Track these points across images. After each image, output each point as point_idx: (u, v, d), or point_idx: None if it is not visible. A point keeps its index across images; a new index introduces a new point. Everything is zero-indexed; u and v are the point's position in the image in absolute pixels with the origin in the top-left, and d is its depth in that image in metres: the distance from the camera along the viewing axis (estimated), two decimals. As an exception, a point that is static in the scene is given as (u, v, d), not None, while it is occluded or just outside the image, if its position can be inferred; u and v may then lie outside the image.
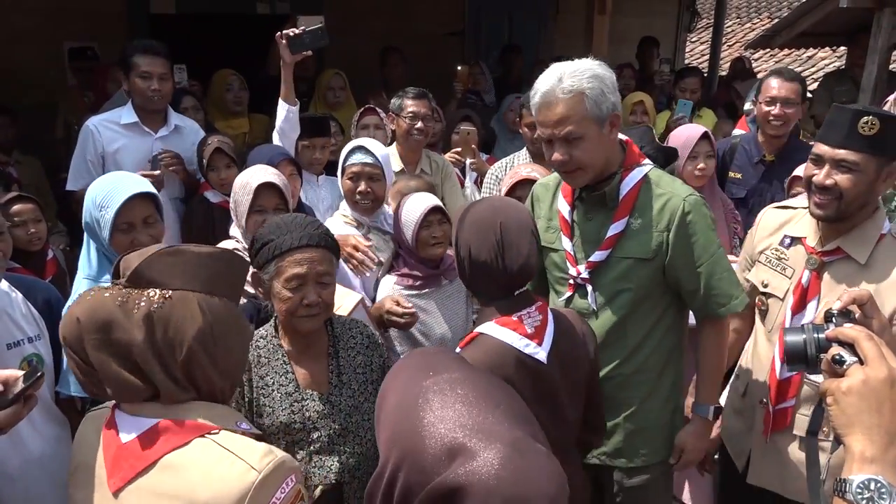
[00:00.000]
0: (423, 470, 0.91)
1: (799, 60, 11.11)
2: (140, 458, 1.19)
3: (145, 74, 3.29)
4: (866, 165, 1.93)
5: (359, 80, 5.09)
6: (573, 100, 1.97)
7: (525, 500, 0.87)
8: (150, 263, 1.24)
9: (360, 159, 2.69)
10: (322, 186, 3.53)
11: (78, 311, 1.21)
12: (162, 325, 1.21)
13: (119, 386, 1.22)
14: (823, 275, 2.07)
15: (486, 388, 1.03)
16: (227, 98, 4.39)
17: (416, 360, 1.15)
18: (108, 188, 2.10)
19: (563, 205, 2.19)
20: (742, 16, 13.99)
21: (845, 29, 5.79)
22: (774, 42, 6.89)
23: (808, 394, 2.11)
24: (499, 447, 0.90)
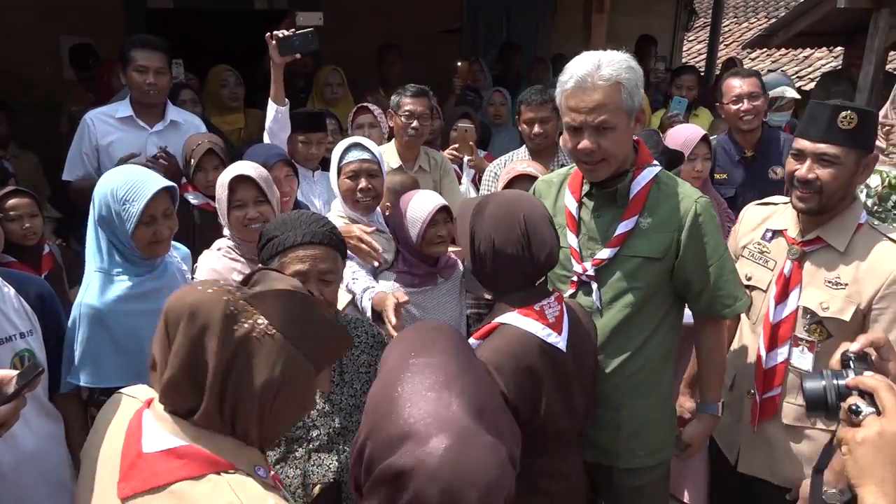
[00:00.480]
0: (381, 447, 0.99)
1: (796, 60, 11.13)
2: (155, 475, 1.16)
3: (142, 68, 3.28)
4: (846, 158, 2.01)
5: (356, 78, 5.09)
6: (611, 88, 1.93)
7: (461, 487, 0.94)
8: (279, 296, 1.21)
9: (357, 156, 2.67)
10: (318, 182, 3.52)
11: (192, 298, 1.19)
12: (248, 355, 1.18)
13: (174, 381, 1.19)
14: (805, 264, 2.14)
15: (456, 374, 1.09)
16: (222, 94, 4.38)
17: (410, 336, 1.21)
18: (132, 182, 2.13)
19: (570, 200, 2.16)
20: (739, 15, 14.01)
21: (843, 29, 5.81)
22: (771, 42, 6.91)
23: (793, 382, 2.16)
24: (445, 436, 0.97)
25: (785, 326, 2.16)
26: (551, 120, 3.42)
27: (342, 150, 2.71)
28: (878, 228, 2.11)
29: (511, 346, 1.76)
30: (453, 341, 1.21)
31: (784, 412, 2.19)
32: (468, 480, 0.95)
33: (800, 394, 2.14)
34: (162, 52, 3.32)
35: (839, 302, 2.05)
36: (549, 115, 3.41)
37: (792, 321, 2.14)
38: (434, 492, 0.94)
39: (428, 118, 3.54)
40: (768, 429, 2.22)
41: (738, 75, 3.66)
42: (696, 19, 9.15)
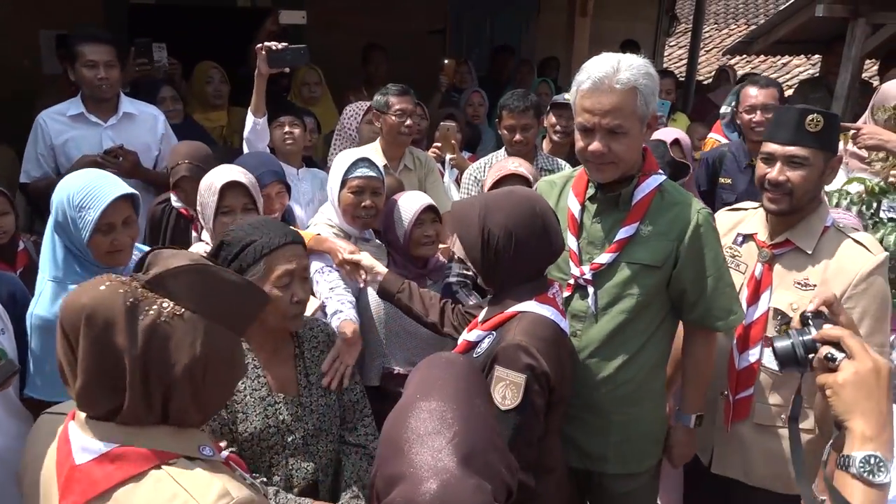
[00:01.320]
0: (384, 481, 1.16)
1: (774, 67, 11.29)
2: (92, 484, 1.13)
3: (91, 63, 3.20)
4: (815, 159, 2.07)
5: (339, 77, 5.07)
6: (627, 93, 1.92)
7: None
8: (177, 275, 1.18)
9: (365, 173, 2.58)
10: (303, 180, 3.47)
11: (86, 298, 1.14)
12: (163, 342, 1.15)
13: (88, 388, 1.15)
14: (775, 266, 2.19)
15: (454, 418, 1.23)
16: (207, 90, 4.34)
17: (424, 372, 1.34)
18: (89, 188, 2.03)
19: (573, 203, 2.14)
20: (720, 21, 14.18)
21: (821, 37, 5.90)
22: (751, 49, 7.00)
23: (765, 382, 2.20)
24: (433, 482, 1.13)
25: (756, 328, 2.19)
26: (532, 127, 3.43)
27: (349, 164, 2.60)
28: (844, 230, 2.16)
29: (543, 330, 1.79)
30: (461, 381, 1.33)
31: (756, 413, 2.22)
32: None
33: (770, 394, 2.19)
34: (110, 45, 3.25)
35: (808, 303, 2.09)
36: (530, 121, 3.41)
37: (763, 322, 2.18)
38: None
39: (418, 116, 3.54)
40: (741, 429, 2.25)
41: (756, 84, 3.62)
42: (677, 25, 9.27)
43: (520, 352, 1.72)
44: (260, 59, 3.14)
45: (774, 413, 2.20)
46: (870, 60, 7.91)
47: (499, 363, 1.74)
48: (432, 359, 1.41)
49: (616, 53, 2.00)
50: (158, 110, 3.57)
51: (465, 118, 4.79)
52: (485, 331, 1.87)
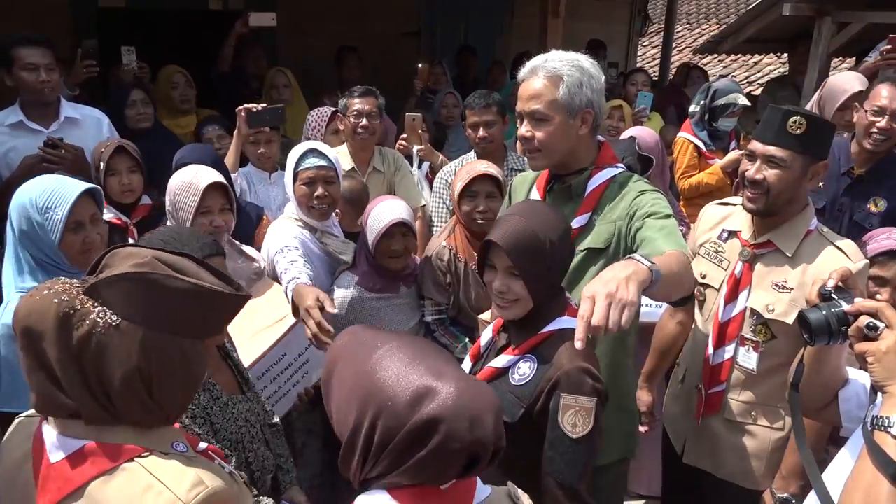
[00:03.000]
0: (398, 416, 1.13)
1: (745, 66, 11.43)
2: (67, 480, 1.13)
3: (31, 66, 3.09)
4: (793, 162, 2.07)
5: (312, 80, 5.05)
6: (549, 80, 2.00)
7: (481, 413, 1.15)
8: (112, 284, 1.15)
9: (314, 163, 2.62)
10: (275, 184, 3.45)
11: (23, 309, 1.14)
12: (96, 353, 1.13)
13: (42, 396, 1.16)
14: (755, 266, 2.19)
15: (422, 347, 1.25)
16: (173, 96, 4.28)
17: (355, 339, 1.28)
18: (51, 188, 2.01)
19: (535, 194, 2.21)
20: (692, 21, 14.33)
21: (788, 36, 5.99)
22: (721, 48, 7.10)
23: (737, 379, 2.22)
24: (450, 382, 1.16)
25: (732, 325, 2.21)
26: (496, 123, 3.43)
27: (298, 156, 2.65)
28: (826, 235, 2.15)
29: (588, 349, 1.72)
30: (389, 331, 1.32)
31: (728, 408, 2.25)
32: (483, 406, 1.16)
33: (742, 391, 2.22)
34: (48, 48, 3.16)
35: (784, 305, 2.10)
36: (493, 118, 3.42)
37: (739, 321, 2.19)
38: (464, 424, 1.12)
39: (377, 116, 3.50)
40: (713, 423, 2.28)
41: (893, 83, 3.07)
42: (649, 25, 9.35)
43: (584, 375, 1.66)
44: (240, 120, 3.24)
45: (745, 410, 2.22)
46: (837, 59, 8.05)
47: (562, 390, 1.66)
48: (355, 327, 1.34)
49: (562, 51, 2.05)
50: (102, 113, 3.46)
51: (438, 118, 4.80)
52: (517, 355, 1.78)
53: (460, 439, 1.12)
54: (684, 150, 4.43)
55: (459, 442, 1.12)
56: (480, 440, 1.14)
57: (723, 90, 4.34)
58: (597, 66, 2.07)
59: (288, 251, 2.47)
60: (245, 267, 2.54)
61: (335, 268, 2.73)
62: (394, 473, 1.15)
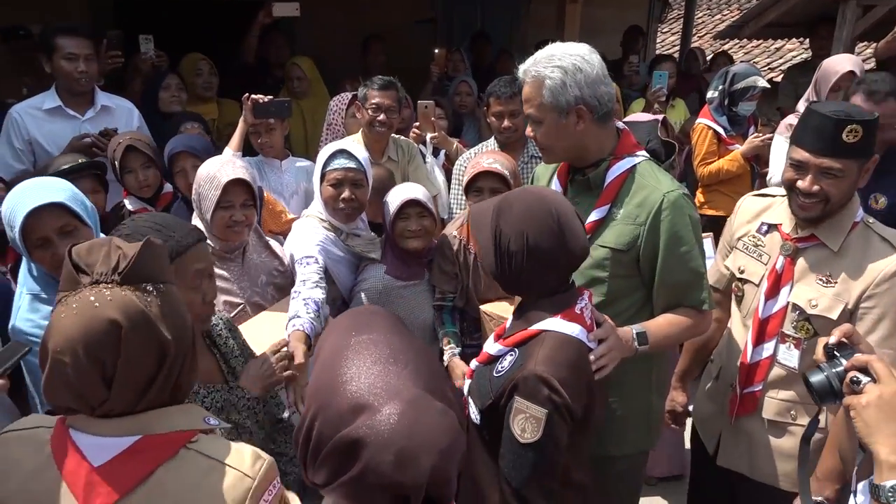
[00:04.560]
0: (332, 423, 1.00)
1: (767, 52, 11.27)
2: (125, 478, 1.15)
3: (71, 56, 3.20)
4: (850, 170, 1.97)
5: (330, 68, 5.05)
6: (534, 85, 2.04)
7: (416, 452, 0.96)
8: (142, 257, 1.19)
9: (343, 164, 2.58)
10: (286, 171, 3.46)
11: (111, 313, 1.14)
12: (171, 320, 1.19)
13: (125, 391, 1.18)
14: (797, 261, 2.11)
15: (400, 349, 1.10)
16: (196, 83, 4.30)
17: (347, 319, 1.19)
18: (11, 204, 1.94)
19: (556, 186, 2.20)
20: (712, 7, 14.13)
21: (811, 20, 5.88)
22: (742, 33, 6.98)
23: (776, 377, 2.14)
24: (397, 404, 0.99)
25: (773, 322, 2.13)
26: (521, 113, 3.39)
27: (327, 156, 2.61)
28: (873, 227, 2.07)
29: (567, 355, 1.68)
30: (391, 319, 1.20)
31: (766, 407, 2.17)
32: (422, 445, 0.97)
33: (781, 389, 2.14)
34: (88, 38, 3.25)
35: (827, 300, 2.03)
36: (518, 108, 3.37)
37: (781, 317, 2.12)
38: (388, 458, 0.95)
39: (395, 111, 3.50)
40: (749, 423, 2.20)
41: (866, 93, 2.91)
42: (669, 11, 9.25)
43: (540, 384, 1.62)
44: (246, 109, 3.27)
45: (784, 408, 2.15)
46: (862, 43, 7.91)
47: (518, 394, 1.64)
48: (351, 310, 1.26)
49: (556, 45, 2.07)
50: (132, 104, 3.57)
51: (452, 107, 4.79)
52: (507, 346, 1.77)
53: (382, 474, 0.95)
54: (703, 137, 4.39)
55: (381, 477, 0.96)
56: (403, 483, 0.96)
57: (741, 74, 4.29)
58: (588, 56, 2.02)
59: (307, 264, 2.44)
60: (268, 262, 2.54)
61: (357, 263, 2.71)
62: (332, 486, 1.02)
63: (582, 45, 2.07)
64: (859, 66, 3.76)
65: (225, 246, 2.40)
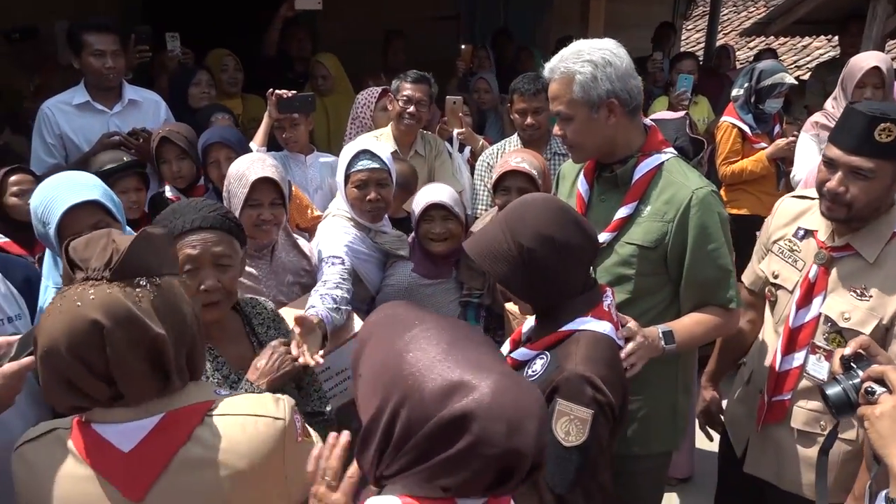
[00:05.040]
0: (425, 407, 1.02)
1: (794, 49, 11.12)
2: (159, 455, 1.19)
3: (98, 52, 3.26)
4: (881, 171, 1.87)
5: (351, 63, 5.06)
6: (563, 81, 2.03)
7: (522, 419, 1.02)
8: (134, 252, 1.19)
9: (366, 165, 2.56)
10: (311, 166, 3.48)
11: (92, 313, 1.14)
12: (167, 314, 1.20)
13: (137, 382, 1.20)
14: (832, 270, 2.03)
15: (462, 332, 1.14)
16: (221, 79, 4.33)
17: (391, 315, 1.20)
18: (46, 200, 1.96)
19: (582, 183, 2.20)
20: (738, 4, 13.96)
21: (841, 17, 5.79)
22: (769, 29, 6.89)
23: (805, 386, 2.09)
24: (494, 377, 1.03)
25: (804, 332, 2.07)
26: (544, 110, 3.38)
27: (350, 157, 2.60)
28: None
29: (603, 355, 1.65)
30: (423, 309, 1.22)
31: (794, 416, 2.12)
32: (526, 413, 1.03)
33: (810, 399, 2.08)
34: (115, 34, 3.31)
35: (861, 314, 1.96)
36: (542, 104, 3.38)
37: (812, 328, 2.05)
38: (500, 427, 0.99)
39: (426, 105, 3.52)
40: (777, 432, 2.15)
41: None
42: (694, 7, 9.15)
43: (585, 384, 1.58)
44: (270, 104, 3.32)
45: (813, 419, 2.09)
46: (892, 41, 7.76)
47: (560, 396, 1.58)
48: (386, 306, 1.26)
49: (581, 41, 2.06)
50: (159, 97, 3.63)
51: (476, 104, 4.78)
52: (535, 350, 1.73)
53: (495, 444, 0.99)
54: (728, 135, 4.34)
55: (494, 447, 0.99)
56: (518, 449, 1.00)
57: (768, 70, 4.23)
58: (616, 50, 2.03)
59: (332, 264, 2.45)
60: (296, 261, 2.56)
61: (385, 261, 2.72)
62: (412, 471, 1.03)
63: (608, 40, 2.07)
64: (885, 63, 3.69)
65: (253, 244, 2.41)
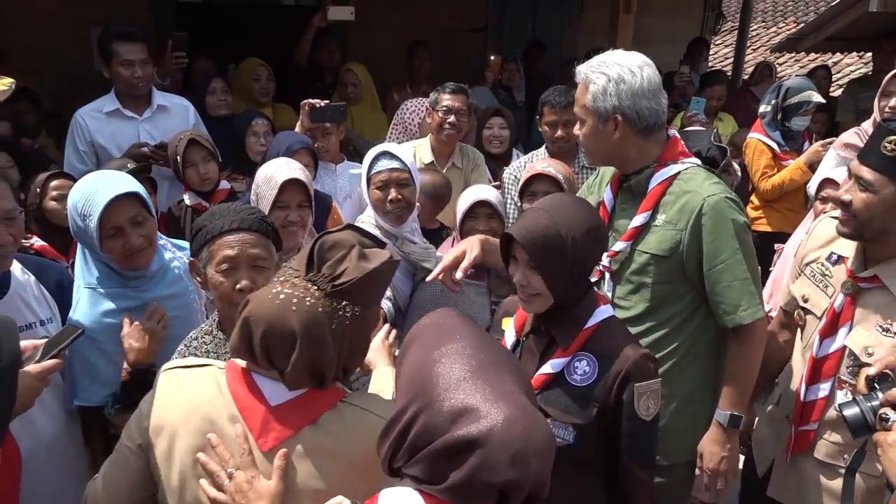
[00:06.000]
0: (435, 424, 1.08)
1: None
2: (297, 418, 1.35)
3: (127, 63, 3.30)
4: (882, 186, 1.84)
5: (380, 74, 5.09)
6: (582, 86, 2.10)
7: (529, 454, 1.05)
8: (362, 282, 1.35)
9: (386, 165, 2.58)
10: (340, 175, 3.50)
11: (296, 324, 1.32)
12: (348, 338, 1.37)
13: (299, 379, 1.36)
14: (859, 301, 1.98)
15: (495, 355, 1.18)
16: (254, 88, 4.37)
17: (439, 322, 1.25)
18: (87, 194, 2.00)
19: (607, 192, 2.23)
20: (767, 20, 13.85)
21: (874, 34, 5.72)
22: (801, 46, 6.83)
23: (831, 417, 2.03)
24: (509, 409, 1.07)
25: (829, 363, 2.01)
26: (574, 123, 3.38)
27: (371, 159, 2.63)
28: None
29: (628, 331, 1.85)
30: (473, 325, 1.26)
31: (818, 448, 2.07)
32: (534, 448, 1.06)
33: (835, 431, 2.03)
34: (142, 42, 3.35)
35: (885, 350, 1.87)
36: (572, 118, 3.35)
37: (836, 360, 1.99)
38: (505, 457, 1.03)
39: (465, 115, 3.55)
40: (802, 462, 2.11)
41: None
42: (723, 23, 9.07)
43: (646, 360, 1.74)
44: (303, 114, 3.35)
45: (837, 451, 2.03)
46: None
47: (634, 380, 1.70)
48: (441, 312, 1.32)
49: (616, 52, 2.10)
50: (188, 101, 3.67)
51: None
52: (568, 356, 1.75)
53: (498, 472, 1.04)
54: (759, 151, 4.29)
55: (496, 475, 1.04)
56: (517, 481, 1.05)
57: (795, 88, 4.19)
58: (637, 69, 2.03)
59: None
60: None
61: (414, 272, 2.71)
62: (426, 485, 1.09)
63: (637, 56, 2.08)
64: None
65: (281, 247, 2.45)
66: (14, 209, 1.91)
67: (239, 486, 1.33)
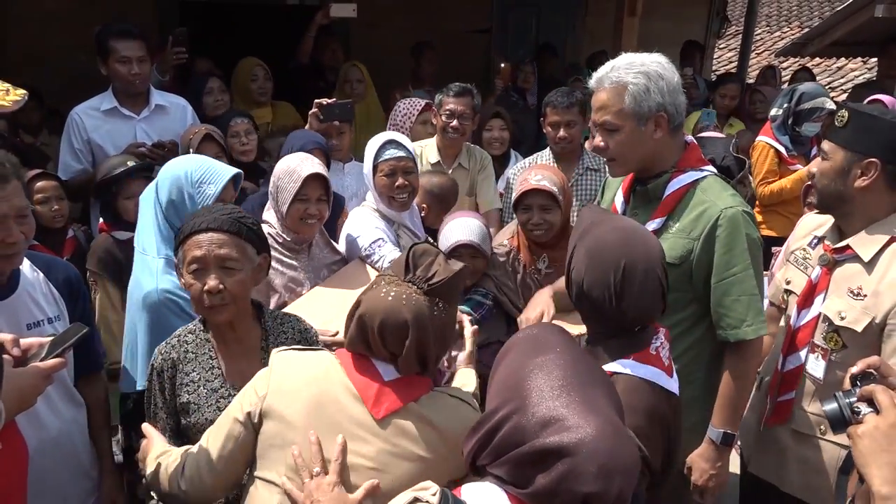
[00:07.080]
0: (525, 428, 1.12)
1: (829, 71, 10.99)
2: (405, 393, 1.53)
3: (124, 59, 3.28)
4: (834, 155, 2.03)
5: (383, 74, 5.09)
6: (614, 91, 2.01)
7: (613, 469, 1.08)
8: (451, 282, 1.54)
9: (394, 154, 2.66)
10: (348, 174, 3.50)
11: (408, 315, 1.50)
12: (441, 331, 1.55)
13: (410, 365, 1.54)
14: (834, 272, 2.11)
15: (592, 374, 1.22)
16: (251, 88, 4.35)
17: (537, 335, 1.31)
18: (207, 166, 2.29)
19: (618, 196, 2.21)
20: (772, 24, 13.85)
21: (878, 39, 5.71)
22: (805, 50, 6.83)
23: (808, 389, 2.14)
24: (601, 423, 1.10)
25: (804, 331, 2.13)
26: (577, 123, 3.39)
27: (377, 147, 2.68)
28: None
29: (640, 401, 1.57)
30: (570, 340, 1.31)
31: (795, 418, 2.17)
32: (619, 465, 1.09)
33: (812, 401, 2.13)
34: (140, 40, 3.32)
35: (856, 312, 2.02)
36: (574, 118, 3.38)
37: (812, 327, 2.12)
38: (591, 468, 1.06)
39: (469, 118, 3.55)
40: (779, 434, 2.21)
41: None
42: (728, 27, 9.03)
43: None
44: (311, 116, 3.37)
45: (814, 422, 2.13)
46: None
47: None
48: (536, 326, 1.42)
49: (632, 54, 2.06)
50: (186, 101, 3.64)
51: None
52: None
53: (583, 482, 1.06)
54: (764, 155, 4.28)
55: (581, 484, 1.07)
56: (598, 494, 1.07)
57: (809, 94, 4.17)
58: (667, 64, 2.03)
59: (381, 245, 2.57)
60: (329, 257, 2.63)
61: None
62: (512, 487, 1.14)
63: (658, 55, 2.07)
64: None
65: (296, 238, 2.49)
66: (26, 207, 1.90)
67: (319, 485, 1.45)
